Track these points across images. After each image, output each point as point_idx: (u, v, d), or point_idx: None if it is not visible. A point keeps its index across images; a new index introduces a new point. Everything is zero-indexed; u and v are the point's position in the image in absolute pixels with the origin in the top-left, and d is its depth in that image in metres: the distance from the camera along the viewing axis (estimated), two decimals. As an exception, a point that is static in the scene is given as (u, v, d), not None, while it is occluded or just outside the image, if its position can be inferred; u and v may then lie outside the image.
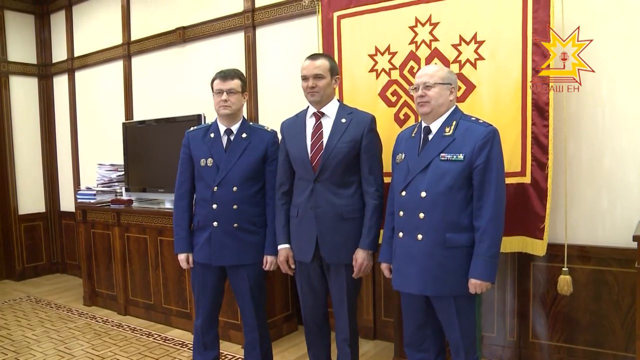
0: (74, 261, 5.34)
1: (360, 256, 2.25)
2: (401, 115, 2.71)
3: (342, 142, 2.24)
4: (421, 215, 1.96)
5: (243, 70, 3.66)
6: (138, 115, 4.56)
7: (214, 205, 2.41)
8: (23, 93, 5.33)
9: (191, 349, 3.02)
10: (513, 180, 2.41)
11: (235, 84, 2.43)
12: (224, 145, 2.46)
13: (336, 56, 2.87)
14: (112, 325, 3.81)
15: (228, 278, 2.53)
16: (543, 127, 2.36)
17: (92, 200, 4.24)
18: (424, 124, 2.07)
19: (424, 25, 2.62)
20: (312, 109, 2.34)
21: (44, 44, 5.44)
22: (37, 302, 4.47)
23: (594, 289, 2.58)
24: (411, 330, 2.13)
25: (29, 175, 5.37)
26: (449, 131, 1.98)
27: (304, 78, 2.29)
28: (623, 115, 2.47)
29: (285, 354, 3.15)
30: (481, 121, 2.01)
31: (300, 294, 2.44)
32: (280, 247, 2.39)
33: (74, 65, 5.17)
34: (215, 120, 2.52)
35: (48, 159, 5.49)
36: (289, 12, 3.52)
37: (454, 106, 2.05)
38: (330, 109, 2.32)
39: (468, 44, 2.51)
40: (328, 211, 2.25)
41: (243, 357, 2.65)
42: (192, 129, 2.58)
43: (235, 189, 2.41)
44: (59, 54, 5.36)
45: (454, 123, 1.99)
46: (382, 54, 2.75)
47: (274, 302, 3.38)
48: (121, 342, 3.45)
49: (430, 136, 2.02)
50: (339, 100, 2.45)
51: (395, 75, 2.71)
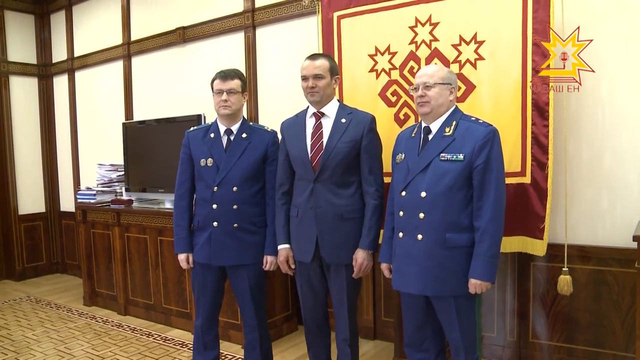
0: (74, 261, 5.34)
1: (360, 256, 2.25)
2: (401, 115, 2.71)
3: (342, 142, 2.24)
4: (421, 215, 1.96)
5: (243, 70, 3.66)
6: (138, 115, 4.56)
7: (214, 205, 2.41)
8: (23, 93, 5.34)
9: (191, 349, 3.02)
10: (513, 180, 2.41)
11: (235, 84, 2.43)
12: (224, 145, 2.46)
13: (336, 56, 2.87)
14: (112, 325, 3.81)
15: (228, 278, 2.53)
16: (543, 127, 2.36)
17: (92, 200, 4.24)
18: (424, 124, 2.07)
19: (424, 25, 2.62)
20: (312, 109, 2.34)
21: (44, 44, 5.44)
22: (37, 302, 4.47)
23: (594, 289, 2.58)
24: (411, 330, 2.13)
25: (29, 175, 5.37)
26: (449, 131, 1.98)
27: (304, 78, 2.29)
28: (623, 115, 2.47)
29: (285, 354, 3.15)
30: (481, 121, 2.01)
31: (300, 294, 2.44)
32: (280, 247, 2.39)
33: (74, 65, 5.17)
34: (215, 120, 2.53)
35: (48, 159, 5.49)
36: (289, 12, 3.52)
37: (454, 106, 2.05)
38: (330, 109, 2.32)
39: (468, 44, 2.51)
40: (328, 211, 2.25)
41: (243, 357, 2.65)
42: (192, 129, 2.58)
43: (235, 189, 2.41)
44: (59, 54, 5.36)
45: (454, 123, 1.99)
46: (382, 54, 2.75)
47: (274, 302, 3.38)
48: (121, 342, 3.45)
49: (430, 136, 2.02)
50: (339, 100, 2.45)
51: (395, 75, 2.71)
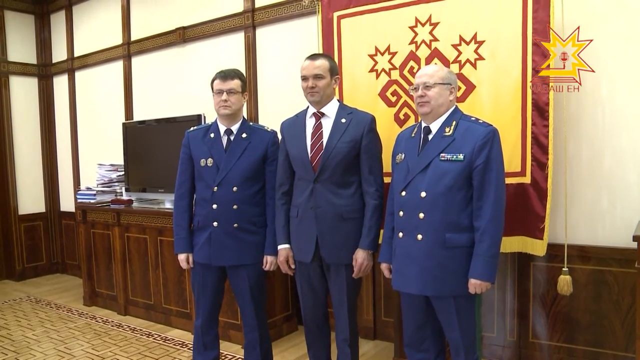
0: (74, 261, 5.34)
1: (360, 256, 2.25)
2: (401, 115, 2.71)
3: (342, 142, 2.24)
4: (421, 215, 1.96)
5: (243, 70, 3.66)
6: (138, 115, 4.56)
7: (214, 205, 2.41)
8: (23, 93, 5.34)
9: (191, 349, 3.02)
10: (513, 180, 2.41)
11: (235, 84, 2.43)
12: (224, 146, 2.46)
13: (336, 56, 2.87)
14: (112, 325, 3.81)
15: (228, 278, 2.53)
16: (543, 127, 2.36)
17: (92, 200, 4.24)
18: (423, 124, 2.07)
19: (424, 25, 2.62)
20: (312, 109, 2.34)
21: (44, 44, 5.44)
22: (37, 302, 4.47)
23: (594, 289, 2.58)
24: (411, 330, 2.13)
25: (29, 175, 5.37)
26: (449, 131, 1.98)
27: (304, 78, 2.29)
28: (623, 115, 2.47)
29: (285, 354, 3.15)
30: (481, 121, 2.01)
31: (300, 294, 2.44)
32: (280, 247, 2.39)
33: (74, 65, 5.17)
34: (215, 120, 2.53)
35: (48, 159, 5.49)
36: (289, 12, 3.52)
37: (454, 106, 2.05)
38: (330, 109, 2.32)
39: (468, 44, 2.51)
40: (328, 211, 2.25)
41: (243, 357, 2.65)
42: (192, 129, 2.58)
43: (235, 189, 2.41)
44: (59, 54, 5.36)
45: (454, 123, 1.99)
46: (382, 54, 2.74)
47: (274, 302, 3.38)
48: (121, 342, 3.45)
49: (430, 136, 2.02)
50: (339, 100, 2.45)
51: (395, 75, 2.71)
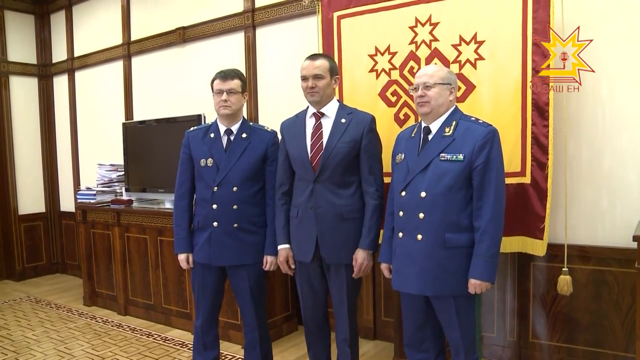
0: (74, 261, 5.34)
1: (360, 256, 2.25)
2: (401, 116, 2.71)
3: (342, 142, 2.24)
4: (421, 215, 1.96)
5: (243, 70, 3.66)
6: (138, 115, 4.56)
7: (214, 206, 2.41)
8: (23, 93, 5.34)
9: (191, 349, 3.02)
10: (513, 180, 2.41)
11: (235, 84, 2.43)
12: (224, 146, 2.46)
13: (336, 56, 2.87)
14: (112, 326, 3.81)
15: (228, 278, 2.53)
16: (543, 127, 2.36)
17: (92, 200, 4.24)
18: (423, 124, 2.07)
19: (424, 25, 2.62)
20: (312, 109, 2.34)
21: (44, 44, 5.44)
22: (37, 302, 4.47)
23: (594, 289, 2.58)
24: (411, 331, 2.13)
25: (29, 175, 5.37)
26: (449, 131, 1.98)
27: (304, 78, 2.29)
28: (623, 115, 2.47)
29: (285, 354, 3.15)
30: (481, 121, 2.01)
31: (300, 294, 2.44)
32: (280, 247, 2.39)
33: (74, 65, 5.17)
34: (215, 120, 2.52)
35: (48, 159, 5.49)
36: (289, 12, 3.52)
37: (454, 106, 2.05)
38: (330, 109, 2.32)
39: (468, 44, 2.51)
40: (328, 211, 2.25)
41: (243, 357, 2.65)
42: (192, 129, 2.58)
43: (235, 189, 2.41)
44: (59, 54, 5.36)
45: (454, 123, 1.99)
46: (382, 54, 2.74)
47: (274, 302, 3.38)
48: (121, 342, 3.45)
49: (430, 136, 2.02)
50: (339, 100, 2.45)
51: (395, 75, 2.71)
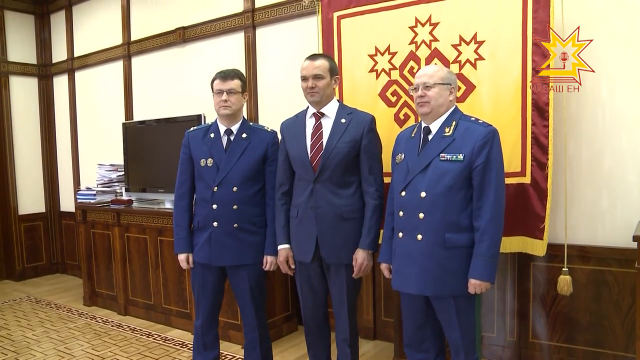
0: (74, 261, 5.34)
1: (360, 256, 2.25)
2: (401, 116, 2.71)
3: (342, 142, 2.24)
4: (421, 215, 1.96)
5: (243, 70, 3.66)
6: (138, 115, 4.56)
7: (214, 206, 2.41)
8: (23, 93, 5.34)
9: (191, 349, 3.02)
10: (513, 180, 2.41)
11: (235, 84, 2.43)
12: (224, 146, 2.46)
13: (336, 56, 2.87)
14: (112, 326, 3.81)
15: (228, 278, 2.53)
16: (543, 127, 2.36)
17: (92, 200, 4.24)
18: (423, 124, 2.07)
19: (424, 25, 2.62)
20: (312, 109, 2.34)
21: (44, 44, 5.44)
22: (37, 302, 4.47)
23: (594, 289, 2.58)
24: (411, 331, 2.13)
25: (29, 175, 5.37)
26: (449, 131, 1.98)
27: (304, 78, 2.29)
28: (623, 115, 2.47)
29: (285, 354, 3.15)
30: (481, 121, 2.01)
31: (300, 294, 2.44)
32: (280, 247, 2.39)
33: (74, 65, 5.17)
34: (215, 120, 2.52)
35: (48, 159, 5.49)
36: (289, 12, 3.52)
37: (454, 106, 2.05)
38: (330, 109, 2.32)
39: (468, 44, 2.51)
40: (328, 211, 2.25)
41: (243, 357, 2.65)
42: (192, 129, 2.58)
43: (235, 189, 2.41)
44: (59, 54, 5.36)
45: (454, 123, 1.99)
46: (382, 54, 2.74)
47: (274, 302, 3.38)
48: (121, 342, 3.45)
49: (430, 136, 2.02)
50: (339, 100, 2.45)
51: (395, 75, 2.71)
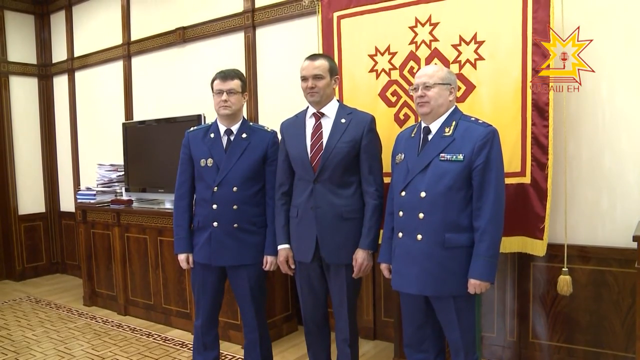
0: (74, 261, 5.34)
1: (360, 256, 2.25)
2: (401, 116, 2.71)
3: (342, 142, 2.24)
4: (421, 215, 1.96)
5: (243, 70, 3.66)
6: (138, 115, 4.56)
7: (214, 206, 2.41)
8: (23, 93, 5.33)
9: (191, 349, 3.02)
10: (513, 180, 2.41)
11: (235, 84, 2.43)
12: (224, 146, 2.46)
13: (336, 56, 2.87)
14: (112, 326, 3.81)
15: (228, 278, 2.53)
16: (543, 127, 2.36)
17: (92, 201, 4.24)
18: (423, 124, 2.06)
19: (424, 25, 2.62)
20: (312, 109, 2.34)
21: (44, 44, 5.44)
22: (37, 302, 4.47)
23: (594, 289, 2.58)
24: (411, 331, 2.13)
25: (29, 175, 5.37)
26: (449, 131, 1.98)
27: (304, 78, 2.29)
28: (623, 115, 2.47)
29: (285, 354, 3.15)
30: (481, 121, 2.01)
31: (300, 294, 2.44)
32: (280, 247, 2.39)
33: (74, 65, 5.17)
34: (215, 120, 2.52)
35: (48, 159, 5.49)
36: (289, 12, 3.52)
37: (454, 106, 2.05)
38: (330, 109, 2.32)
39: (468, 44, 2.51)
40: (328, 211, 2.25)
41: (243, 357, 2.65)
42: (192, 129, 2.58)
43: (235, 189, 2.41)
44: (59, 54, 5.36)
45: (454, 123, 1.99)
46: (382, 54, 2.74)
47: (274, 302, 3.38)
48: (121, 342, 3.45)
49: (430, 136, 2.02)
50: (339, 100, 2.45)
51: (395, 75, 2.71)
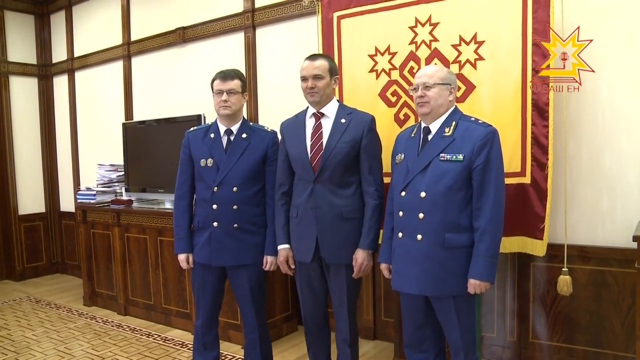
0: (74, 261, 5.34)
1: (360, 256, 2.25)
2: (401, 116, 2.71)
3: (342, 142, 2.24)
4: (420, 215, 1.96)
5: (243, 70, 3.66)
6: (138, 115, 4.56)
7: (214, 206, 2.41)
8: (23, 93, 5.34)
9: (191, 349, 3.02)
10: (513, 180, 2.41)
11: (235, 84, 2.43)
12: (224, 146, 2.46)
13: (336, 56, 2.87)
14: (112, 326, 3.81)
15: (228, 278, 2.53)
16: (543, 128, 2.36)
17: (92, 201, 4.24)
18: (423, 124, 2.06)
19: (423, 25, 2.62)
20: (312, 110, 2.34)
21: (44, 44, 5.44)
22: (37, 303, 4.47)
23: (594, 289, 2.58)
24: (411, 331, 2.13)
25: (29, 175, 5.37)
26: (449, 131, 1.98)
27: (303, 79, 2.29)
28: (623, 115, 2.47)
29: (285, 354, 3.15)
30: (481, 121, 2.01)
31: (300, 294, 2.44)
32: (280, 248, 2.39)
33: (74, 65, 5.17)
34: (215, 120, 2.52)
35: (48, 159, 5.49)
36: (289, 12, 3.52)
37: (454, 106, 2.05)
38: (330, 109, 2.32)
39: (468, 44, 2.51)
40: (328, 211, 2.25)
41: (243, 357, 2.65)
42: (192, 129, 2.58)
43: (235, 189, 2.41)
44: (59, 54, 5.36)
45: (454, 123, 1.99)
46: (382, 54, 2.74)
47: (274, 302, 3.38)
48: (121, 342, 3.45)
49: (430, 136, 2.02)
50: (339, 100, 2.45)
51: (395, 75, 2.71)
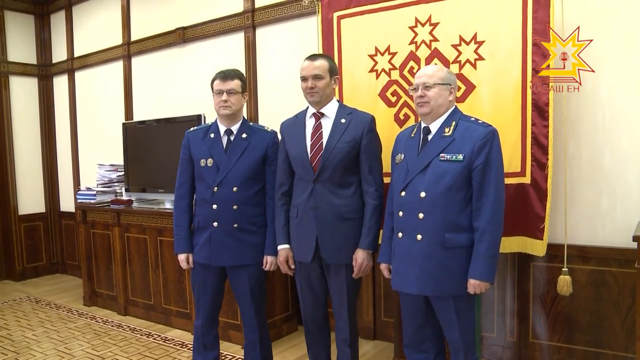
0: (74, 261, 5.34)
1: (360, 256, 2.25)
2: (401, 116, 2.71)
3: (342, 142, 2.24)
4: (420, 215, 1.96)
5: (243, 70, 3.66)
6: (138, 116, 4.56)
7: (214, 206, 2.41)
8: (23, 93, 5.34)
9: (191, 349, 3.02)
10: (513, 180, 2.41)
11: (235, 84, 2.43)
12: (224, 146, 2.46)
13: (336, 56, 2.87)
14: (112, 326, 3.81)
15: (228, 278, 2.53)
16: (543, 128, 2.36)
17: (92, 201, 4.24)
18: (423, 124, 2.06)
19: (424, 25, 2.62)
20: (312, 110, 2.34)
21: (44, 44, 5.44)
22: (37, 303, 4.47)
23: (594, 289, 2.58)
24: (411, 331, 2.13)
25: (29, 175, 5.37)
26: (449, 131, 1.98)
27: (303, 79, 2.29)
28: (623, 115, 2.47)
29: (285, 354, 3.15)
30: (480, 121, 2.01)
31: (300, 294, 2.44)
32: (280, 248, 2.39)
33: (74, 65, 5.17)
34: (215, 120, 2.52)
35: (48, 159, 5.49)
36: (289, 12, 3.52)
37: (454, 106, 2.05)
38: (330, 109, 2.32)
39: (468, 44, 2.51)
40: (328, 211, 2.25)
41: (243, 357, 2.65)
42: (192, 129, 2.58)
43: (235, 189, 2.41)
44: (59, 54, 5.36)
45: (454, 123, 1.99)
46: (382, 54, 2.74)
47: (274, 302, 3.38)
48: (121, 342, 3.45)
49: (430, 136, 2.02)
50: (339, 100, 2.45)
51: (395, 75, 2.71)
